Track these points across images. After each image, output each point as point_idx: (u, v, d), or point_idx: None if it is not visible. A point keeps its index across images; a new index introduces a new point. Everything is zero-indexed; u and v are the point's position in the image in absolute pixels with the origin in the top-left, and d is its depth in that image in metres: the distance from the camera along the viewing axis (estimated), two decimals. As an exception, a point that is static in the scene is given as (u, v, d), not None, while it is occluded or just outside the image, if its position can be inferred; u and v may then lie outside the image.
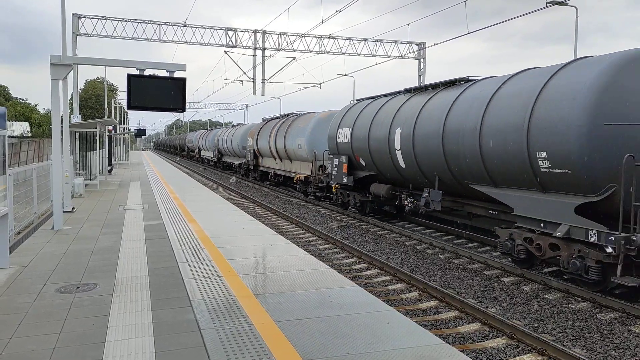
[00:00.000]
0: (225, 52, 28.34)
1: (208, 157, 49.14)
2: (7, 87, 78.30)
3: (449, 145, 11.05)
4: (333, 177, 17.43)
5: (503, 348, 6.34)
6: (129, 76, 9.15)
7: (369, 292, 6.15)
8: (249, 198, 21.89)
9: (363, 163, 15.72)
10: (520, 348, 6.34)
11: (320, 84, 34.37)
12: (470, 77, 11.94)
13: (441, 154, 11.35)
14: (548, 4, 18.19)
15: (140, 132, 47.45)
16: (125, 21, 26.07)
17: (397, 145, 13.29)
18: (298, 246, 9.16)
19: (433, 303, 8.05)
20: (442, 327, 7.07)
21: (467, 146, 10.39)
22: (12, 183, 8.99)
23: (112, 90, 66.29)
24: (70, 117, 16.13)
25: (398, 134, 13.28)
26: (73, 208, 12.77)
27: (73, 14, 24.79)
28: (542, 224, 8.86)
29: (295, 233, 14.16)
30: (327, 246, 12.38)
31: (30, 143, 40.80)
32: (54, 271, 6.90)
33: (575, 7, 22.77)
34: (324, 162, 19.27)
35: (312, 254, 10.39)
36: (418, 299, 8.31)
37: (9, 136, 42.20)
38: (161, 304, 5.52)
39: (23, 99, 76.22)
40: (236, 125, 43.29)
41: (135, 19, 26.25)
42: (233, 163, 37.82)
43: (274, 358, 4.18)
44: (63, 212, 10.80)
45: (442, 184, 11.99)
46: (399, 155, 13.32)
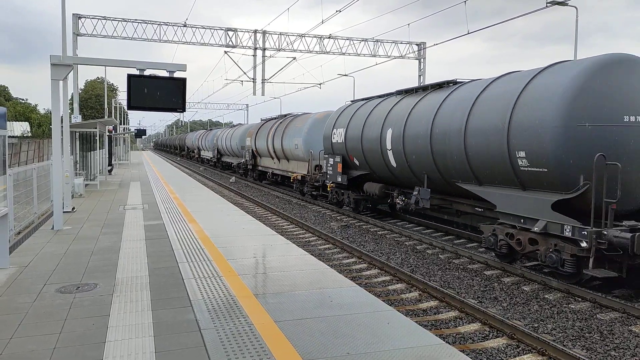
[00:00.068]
0: (225, 52, 28.34)
1: (208, 157, 49.25)
2: (7, 87, 78.38)
3: (437, 145, 11.50)
4: (328, 177, 17.82)
5: (503, 348, 6.34)
6: (129, 76, 9.15)
7: (369, 292, 6.14)
8: (249, 198, 21.89)
9: (357, 162, 16.11)
10: (520, 348, 6.34)
11: (320, 84, 34.40)
12: (457, 80, 12.41)
13: (429, 154, 11.80)
14: (548, 4, 18.20)
15: (140, 132, 47.48)
16: (125, 21, 26.08)
17: (389, 145, 13.74)
18: (298, 246, 9.16)
19: (433, 303, 8.05)
20: (442, 327, 7.07)
21: (454, 146, 10.84)
22: (12, 183, 8.99)
23: (112, 90, 66.30)
24: (70, 117, 16.13)
25: (389, 135, 13.71)
26: (73, 208, 12.78)
27: (73, 14, 24.80)
28: (522, 220, 9.33)
29: (295, 233, 14.16)
30: (327, 246, 12.38)
31: (30, 143, 40.80)
32: (54, 271, 6.90)
33: (575, 7, 22.82)
34: (320, 162, 19.52)
35: (312, 254, 10.39)
36: (418, 299, 8.31)
37: (9, 136, 42.23)
38: (161, 304, 5.52)
39: (23, 99, 76.31)
40: (235, 125, 43.35)
41: (135, 19, 26.26)
42: (232, 163, 37.96)
43: (274, 358, 4.18)
44: (63, 212, 10.80)
45: (431, 183, 12.42)
46: (390, 155, 13.76)
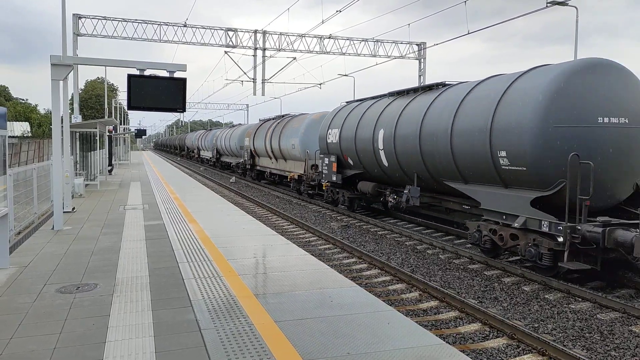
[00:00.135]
0: (225, 53, 28.34)
1: (207, 157, 49.33)
2: (8, 87, 78.36)
3: (426, 145, 11.98)
4: (324, 176, 18.26)
5: (503, 348, 6.34)
6: (129, 76, 9.15)
7: (370, 292, 6.14)
8: (249, 198, 21.89)
9: (351, 162, 16.56)
10: (520, 348, 6.33)
11: (320, 84, 34.38)
12: (446, 82, 12.95)
13: (419, 154, 12.28)
14: (548, 4, 18.20)
15: (140, 132, 47.52)
16: (125, 21, 26.08)
17: (381, 145, 14.22)
18: (298, 246, 9.16)
19: (433, 303, 8.05)
20: (443, 327, 7.07)
21: (441, 146, 11.30)
22: (13, 183, 8.99)
23: (113, 90, 66.20)
24: (70, 117, 16.13)
25: (381, 135, 14.18)
26: (73, 208, 12.77)
27: (73, 14, 24.80)
28: (504, 216, 9.78)
29: (295, 233, 14.16)
30: (328, 246, 12.38)
31: (30, 143, 40.80)
32: (54, 271, 6.89)
33: (575, 7, 22.81)
34: (316, 162, 19.87)
35: (313, 254, 10.39)
36: (418, 299, 8.31)
37: (10, 136, 42.20)
38: (161, 304, 5.52)
39: (23, 99, 76.28)
40: (234, 125, 43.41)
41: (135, 19, 26.26)
42: (231, 163, 38.13)
43: (275, 358, 4.18)
44: (63, 212, 10.79)
45: (421, 181, 12.91)
46: (382, 154, 14.25)
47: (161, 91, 9.30)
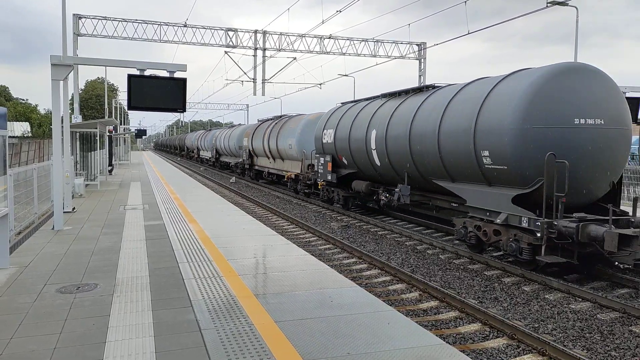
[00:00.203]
0: (225, 53, 28.35)
1: (207, 157, 49.46)
2: (8, 87, 78.39)
3: (415, 145, 12.40)
4: (319, 175, 18.72)
5: (503, 348, 6.34)
6: (130, 76, 9.16)
7: (370, 293, 6.14)
8: (249, 198, 21.90)
9: (345, 162, 17.00)
10: (520, 348, 6.33)
11: (320, 84, 34.39)
12: (436, 84, 13.37)
13: (409, 153, 12.72)
14: (548, 4, 18.20)
15: (140, 133, 47.58)
16: (125, 21, 26.08)
17: (373, 145, 14.66)
18: (298, 246, 9.16)
19: (433, 303, 8.05)
20: (443, 328, 7.07)
21: (429, 146, 11.73)
22: (13, 183, 8.99)
23: (113, 90, 66.22)
24: (70, 118, 16.14)
25: (374, 135, 14.63)
26: (73, 208, 12.78)
27: (73, 14, 24.81)
28: (488, 213, 10.17)
29: (295, 233, 14.16)
30: (328, 246, 12.38)
31: (30, 143, 40.78)
32: (55, 271, 6.90)
33: (575, 7, 22.79)
34: (312, 161, 20.16)
35: (313, 254, 10.39)
36: (418, 299, 8.31)
37: (10, 136, 42.22)
38: (161, 304, 5.52)
39: (23, 99, 76.30)
40: (233, 126, 43.50)
41: (135, 19, 26.27)
42: (230, 163, 38.30)
43: (275, 358, 4.18)
44: (63, 213, 10.80)
45: (411, 180, 13.36)
46: (375, 154, 14.68)
47: (161, 91, 9.31)
